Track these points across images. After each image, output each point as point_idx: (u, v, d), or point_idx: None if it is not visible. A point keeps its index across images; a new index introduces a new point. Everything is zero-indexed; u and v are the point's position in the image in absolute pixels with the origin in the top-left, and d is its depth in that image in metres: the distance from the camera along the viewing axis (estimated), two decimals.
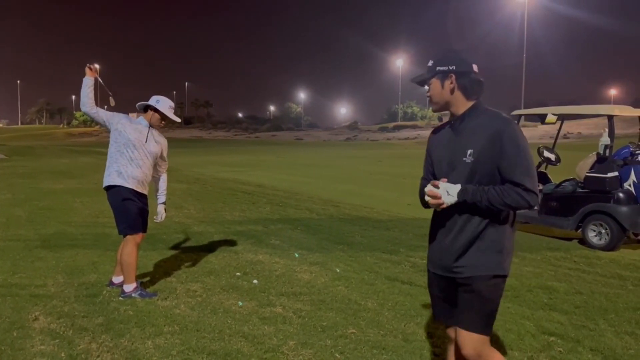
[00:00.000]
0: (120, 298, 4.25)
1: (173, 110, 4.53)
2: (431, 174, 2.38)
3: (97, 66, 4.52)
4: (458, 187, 2.14)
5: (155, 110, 4.43)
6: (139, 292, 4.29)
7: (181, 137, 67.99)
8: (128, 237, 4.31)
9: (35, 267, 5.18)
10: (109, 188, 4.32)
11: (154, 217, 4.65)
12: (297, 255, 5.84)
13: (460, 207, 2.17)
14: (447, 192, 2.15)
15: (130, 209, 4.27)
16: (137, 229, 4.33)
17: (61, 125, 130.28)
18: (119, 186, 4.26)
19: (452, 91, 2.24)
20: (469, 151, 2.16)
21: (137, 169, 4.32)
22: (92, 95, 4.33)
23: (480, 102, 2.27)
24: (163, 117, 4.47)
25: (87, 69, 4.36)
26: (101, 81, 4.52)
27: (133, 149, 4.32)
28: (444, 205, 2.17)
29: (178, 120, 4.76)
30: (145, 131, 4.41)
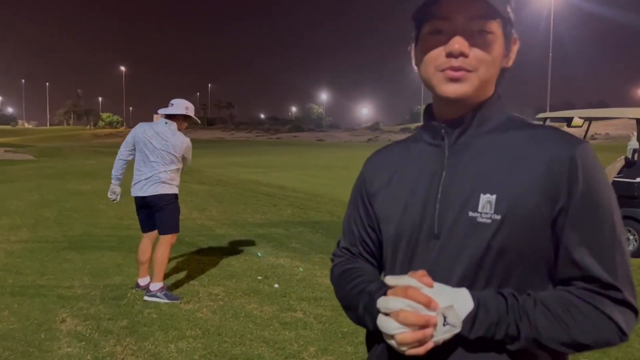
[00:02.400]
0: (146, 298, 4.33)
1: (188, 109, 4.62)
2: (367, 251, 1.14)
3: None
4: (469, 303, 0.88)
5: (186, 117, 4.61)
6: (164, 292, 4.38)
7: (203, 138, 68.73)
8: (167, 236, 4.47)
9: (63, 269, 5.31)
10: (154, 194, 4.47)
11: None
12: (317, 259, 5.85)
13: (465, 344, 0.91)
14: (444, 317, 0.86)
15: (175, 211, 4.53)
16: (178, 228, 4.58)
17: (88, 127, 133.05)
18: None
19: (504, 61, 1.01)
20: (486, 198, 0.93)
21: (174, 172, 4.53)
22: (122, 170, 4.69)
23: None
24: (184, 118, 4.61)
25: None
26: None
27: (163, 153, 4.47)
28: (430, 346, 0.86)
29: (198, 121, 4.92)
30: (165, 133, 4.50)
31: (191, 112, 4.64)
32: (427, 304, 0.84)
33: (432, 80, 0.97)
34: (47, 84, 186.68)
